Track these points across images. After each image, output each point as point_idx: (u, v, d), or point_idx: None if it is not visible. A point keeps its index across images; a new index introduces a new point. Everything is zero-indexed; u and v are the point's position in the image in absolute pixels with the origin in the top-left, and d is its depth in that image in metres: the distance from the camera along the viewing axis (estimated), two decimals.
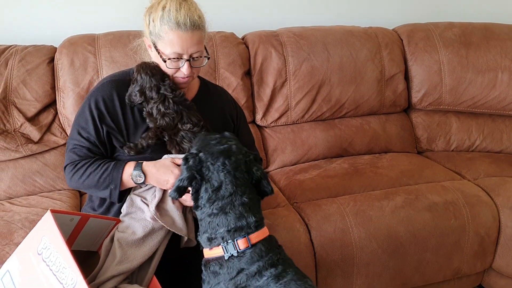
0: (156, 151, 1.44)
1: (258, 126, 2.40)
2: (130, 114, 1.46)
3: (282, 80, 2.32)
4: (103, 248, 1.38)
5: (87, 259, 1.45)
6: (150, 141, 1.42)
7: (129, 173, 1.38)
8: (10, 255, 1.56)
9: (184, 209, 1.44)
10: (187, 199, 1.38)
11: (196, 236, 1.35)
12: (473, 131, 2.56)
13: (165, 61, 1.40)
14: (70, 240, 1.36)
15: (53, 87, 2.06)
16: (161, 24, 1.35)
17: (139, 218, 1.40)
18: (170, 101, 1.42)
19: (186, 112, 1.45)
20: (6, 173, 1.99)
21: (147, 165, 1.39)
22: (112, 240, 1.39)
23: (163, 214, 1.40)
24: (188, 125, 1.44)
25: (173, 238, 1.44)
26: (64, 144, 2.09)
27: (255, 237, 1.21)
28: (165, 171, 1.37)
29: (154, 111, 1.42)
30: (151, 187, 1.43)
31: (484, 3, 2.95)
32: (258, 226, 1.23)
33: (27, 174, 2.01)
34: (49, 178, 2.03)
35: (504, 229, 1.99)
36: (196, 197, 1.25)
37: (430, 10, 2.87)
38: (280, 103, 2.34)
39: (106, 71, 2.05)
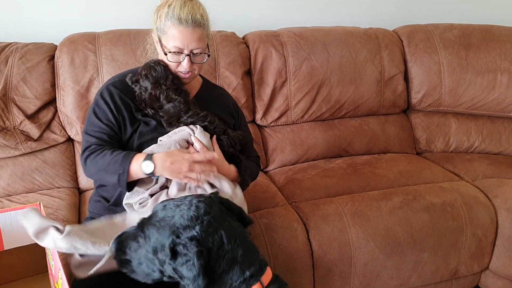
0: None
1: (258, 125, 2.40)
2: (126, 113, 1.52)
3: (282, 80, 2.32)
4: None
5: None
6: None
7: (139, 162, 1.38)
8: None
9: None
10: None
11: None
12: (472, 133, 2.56)
13: (166, 54, 1.48)
14: None
15: (53, 85, 2.06)
16: (165, 20, 1.45)
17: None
18: (182, 90, 1.51)
19: (192, 104, 1.53)
20: (5, 171, 1.99)
21: (157, 156, 1.39)
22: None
23: None
24: (191, 114, 1.50)
25: None
26: (64, 142, 2.10)
27: (266, 279, 1.12)
28: (176, 159, 1.37)
29: (162, 97, 1.48)
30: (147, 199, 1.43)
31: (484, 5, 2.95)
32: (263, 266, 1.14)
33: (26, 172, 2.01)
34: (48, 176, 2.04)
35: (502, 230, 1.99)
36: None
37: (430, 12, 2.88)
38: (280, 103, 2.34)
39: (106, 69, 2.06)
